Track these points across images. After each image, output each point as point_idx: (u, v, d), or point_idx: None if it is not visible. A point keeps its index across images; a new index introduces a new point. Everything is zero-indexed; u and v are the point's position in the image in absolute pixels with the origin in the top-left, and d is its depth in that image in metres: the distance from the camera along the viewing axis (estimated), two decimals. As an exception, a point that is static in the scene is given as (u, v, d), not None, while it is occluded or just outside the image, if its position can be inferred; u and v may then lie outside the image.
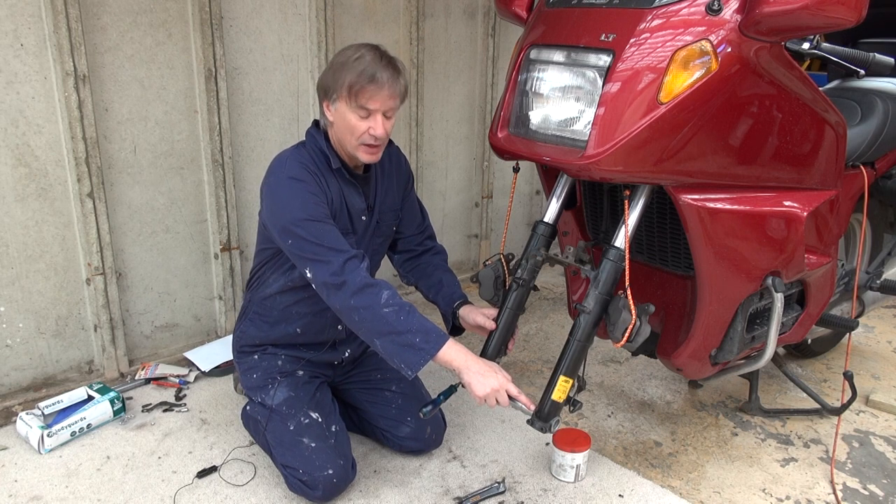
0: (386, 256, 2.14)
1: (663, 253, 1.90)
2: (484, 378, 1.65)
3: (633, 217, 1.65)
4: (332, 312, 1.92)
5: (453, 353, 1.67)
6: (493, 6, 2.56)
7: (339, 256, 1.67)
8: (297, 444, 1.82)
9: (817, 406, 2.31)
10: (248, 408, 2.03)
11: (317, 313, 1.94)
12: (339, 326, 2.00)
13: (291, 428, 1.84)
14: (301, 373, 1.97)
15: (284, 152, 1.83)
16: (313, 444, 1.81)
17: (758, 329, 1.90)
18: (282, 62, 2.58)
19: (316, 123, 1.86)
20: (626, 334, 1.59)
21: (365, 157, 1.77)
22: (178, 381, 2.39)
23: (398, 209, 2.02)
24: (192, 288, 2.57)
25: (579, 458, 1.94)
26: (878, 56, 1.76)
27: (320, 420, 1.87)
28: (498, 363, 1.88)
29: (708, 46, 1.44)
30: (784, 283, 1.80)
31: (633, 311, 1.58)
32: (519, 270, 1.83)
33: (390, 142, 1.95)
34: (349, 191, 1.85)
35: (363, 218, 1.90)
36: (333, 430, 1.87)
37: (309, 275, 1.70)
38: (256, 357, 2.00)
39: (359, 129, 1.72)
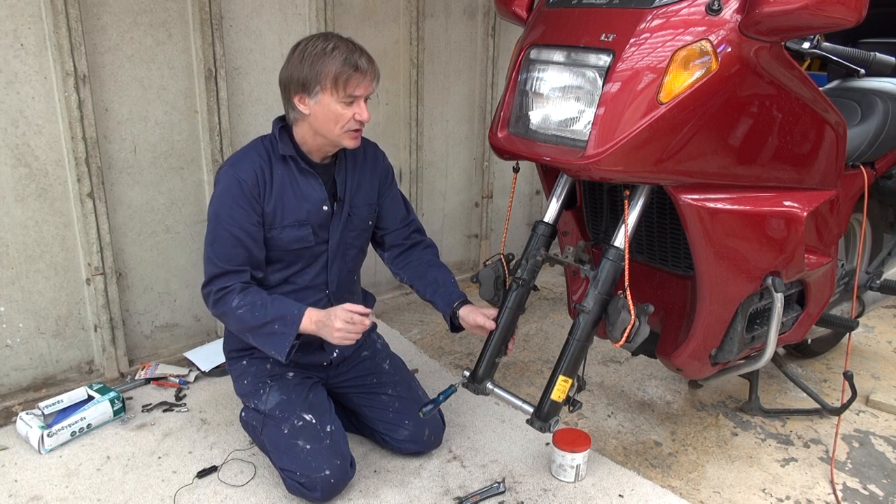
0: (380, 258, 2.13)
1: (663, 253, 1.90)
2: (327, 328, 1.74)
3: (632, 217, 1.65)
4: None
5: (308, 325, 1.77)
6: (493, 6, 2.56)
7: (214, 266, 1.81)
8: (293, 447, 1.81)
9: (817, 406, 2.31)
10: (243, 414, 2.02)
11: None
12: None
13: (286, 431, 1.84)
14: (291, 374, 1.96)
15: (241, 149, 1.90)
16: (308, 446, 1.81)
17: (758, 329, 1.90)
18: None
19: (281, 118, 1.89)
20: (626, 334, 1.59)
21: (350, 142, 1.81)
22: (178, 381, 2.39)
23: (374, 203, 2.01)
24: (192, 288, 2.57)
25: (579, 458, 1.94)
26: (879, 56, 1.76)
27: (314, 421, 1.86)
28: (498, 363, 1.88)
29: (708, 46, 1.44)
30: (784, 283, 1.80)
31: (633, 311, 1.58)
32: (519, 270, 1.83)
33: (368, 140, 1.99)
34: (305, 180, 1.86)
35: (325, 208, 1.89)
36: (328, 430, 1.86)
37: None
38: (245, 363, 1.99)
39: (345, 117, 1.76)
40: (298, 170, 1.85)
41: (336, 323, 1.72)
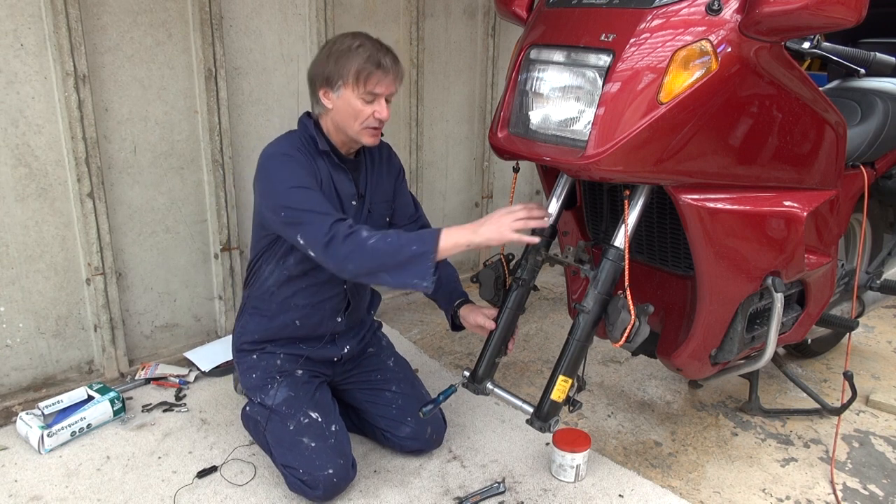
0: None
1: (663, 253, 1.90)
2: (494, 226, 1.71)
3: (632, 217, 1.65)
4: (330, 304, 1.95)
5: (453, 236, 1.70)
6: (493, 6, 2.56)
7: (327, 219, 1.71)
8: (297, 443, 1.82)
9: (817, 406, 2.31)
10: (247, 408, 2.03)
11: (315, 305, 1.95)
12: (338, 318, 2.00)
13: (291, 428, 1.84)
14: (300, 372, 1.97)
15: (275, 139, 1.89)
16: (313, 444, 1.81)
17: (758, 329, 1.90)
18: (282, 62, 2.58)
19: (307, 114, 1.91)
20: (625, 334, 1.59)
21: (368, 139, 1.83)
22: (178, 381, 2.39)
23: (390, 200, 2.05)
24: (192, 288, 2.57)
25: (579, 458, 1.94)
26: (879, 55, 1.76)
27: (320, 420, 1.87)
28: (498, 363, 1.89)
29: (708, 46, 1.44)
30: (784, 283, 1.80)
31: (633, 312, 1.58)
32: (519, 270, 1.83)
33: (382, 140, 1.98)
34: (338, 175, 1.88)
35: (353, 203, 1.92)
36: (333, 429, 1.87)
37: (301, 241, 1.73)
38: (255, 357, 2.00)
39: (364, 113, 1.78)
40: (332, 165, 1.87)
41: (506, 219, 1.69)
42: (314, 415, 1.87)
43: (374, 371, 2.09)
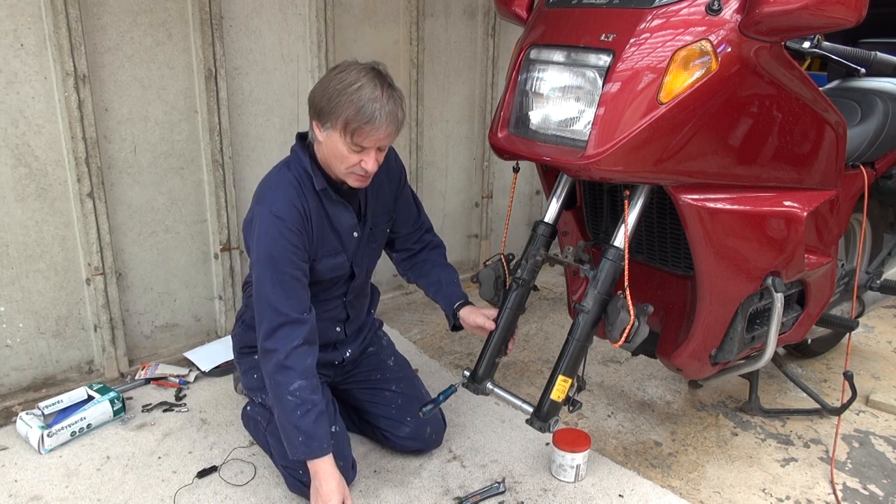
0: (386, 255, 2.14)
1: (663, 253, 1.90)
2: (315, 489, 1.73)
3: (632, 217, 1.65)
4: (328, 315, 1.94)
5: (313, 467, 1.73)
6: (493, 6, 2.56)
7: (277, 319, 1.71)
8: None
9: (817, 406, 2.31)
10: (248, 408, 2.03)
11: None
12: (338, 328, 1.99)
13: None
14: None
15: (271, 175, 1.79)
16: None
17: (758, 329, 1.90)
18: (282, 62, 2.58)
19: (301, 137, 1.82)
20: (625, 334, 1.59)
21: (354, 183, 1.75)
22: (178, 381, 2.39)
23: (390, 209, 2.00)
24: (192, 288, 2.57)
25: (579, 458, 1.94)
26: (880, 55, 1.76)
27: None
28: (498, 363, 1.88)
29: (708, 46, 1.44)
30: (784, 283, 1.80)
31: (632, 312, 1.58)
32: (519, 270, 1.83)
33: None
34: (336, 210, 1.81)
35: (355, 234, 1.87)
36: (333, 430, 1.87)
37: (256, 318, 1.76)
38: (257, 357, 1.99)
39: (350, 161, 1.68)
40: (330, 201, 1.79)
41: (323, 489, 1.71)
42: None
43: (374, 370, 2.09)
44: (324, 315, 1.90)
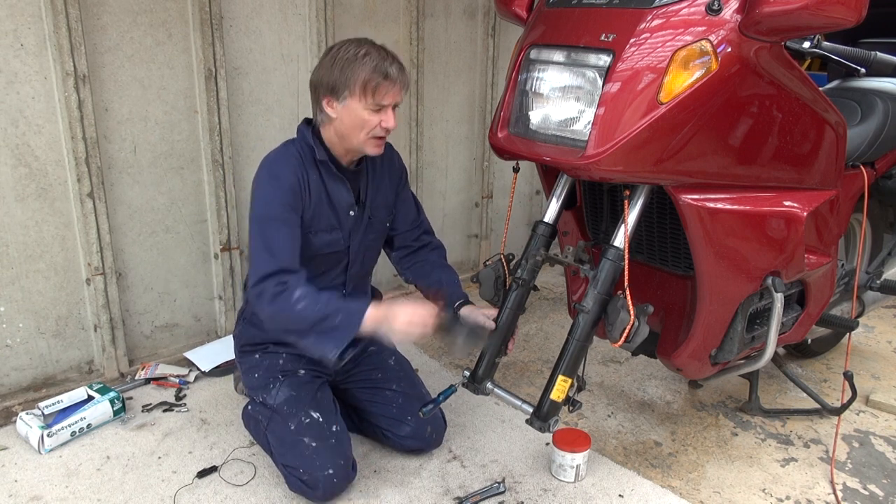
0: (385, 255, 2.14)
1: (663, 253, 1.90)
2: (387, 325, 1.69)
3: (632, 217, 1.65)
4: None
5: (375, 319, 1.69)
6: (493, 6, 2.56)
7: (270, 264, 1.71)
8: (298, 443, 1.82)
9: (817, 406, 2.31)
10: (249, 407, 2.03)
11: None
12: None
13: (292, 427, 1.84)
14: (302, 372, 1.97)
15: (273, 150, 1.86)
16: (314, 444, 1.81)
17: (758, 329, 1.90)
18: (282, 62, 2.58)
19: (307, 121, 1.88)
20: (624, 334, 1.59)
21: (373, 150, 1.81)
22: (178, 381, 2.39)
23: (391, 205, 2.03)
24: (192, 288, 2.57)
25: (579, 458, 1.94)
26: (880, 55, 1.76)
27: (321, 420, 1.87)
28: (498, 363, 1.88)
29: (708, 46, 1.44)
30: (784, 283, 1.80)
31: (632, 312, 1.58)
32: (519, 270, 1.83)
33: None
34: (335, 185, 1.86)
35: (351, 213, 1.90)
36: (334, 429, 1.87)
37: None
38: (258, 356, 2.00)
39: (371, 123, 1.75)
40: (330, 175, 1.85)
41: (400, 318, 1.68)
42: (315, 415, 1.87)
43: (375, 370, 2.09)
44: None
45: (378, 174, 1.98)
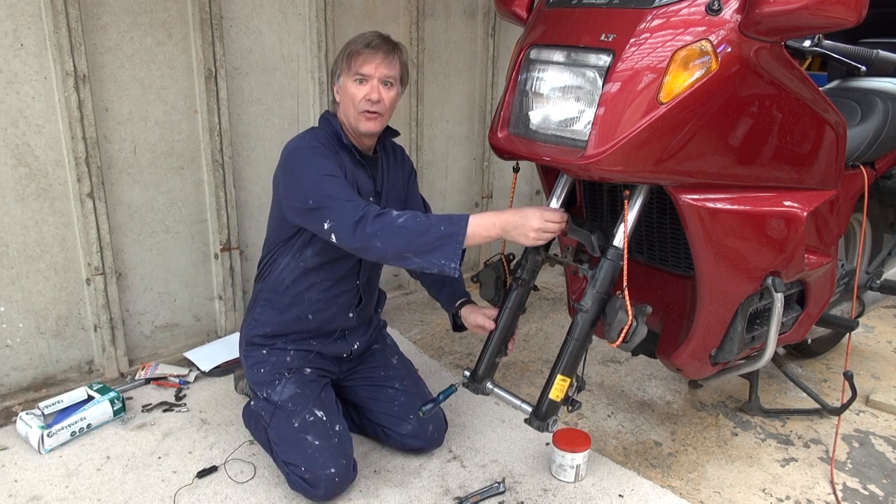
0: None
1: (663, 253, 1.90)
2: (520, 228, 1.64)
3: (632, 217, 1.65)
4: (343, 299, 1.97)
5: (482, 223, 1.65)
6: (493, 6, 2.56)
7: (358, 203, 1.71)
8: (301, 441, 1.82)
9: (817, 406, 2.31)
10: (251, 403, 2.02)
11: (328, 300, 1.96)
12: (350, 314, 2.01)
13: (296, 425, 1.84)
14: (308, 370, 1.98)
15: (297, 135, 1.91)
16: (317, 442, 1.82)
17: (758, 329, 1.90)
18: (282, 62, 2.58)
19: (328, 112, 1.94)
20: (622, 335, 1.59)
21: (365, 124, 1.83)
22: (178, 381, 2.39)
23: (403, 200, 2.06)
24: (192, 288, 2.57)
25: (579, 458, 1.94)
26: (882, 53, 1.76)
27: (324, 418, 1.87)
28: (498, 363, 1.89)
29: (708, 46, 1.44)
30: (784, 283, 1.80)
31: (630, 312, 1.58)
32: (519, 270, 1.83)
33: (395, 142, 2.01)
34: (358, 171, 1.90)
35: (371, 199, 1.93)
36: (337, 429, 1.87)
37: (327, 226, 1.70)
38: (265, 352, 2.00)
39: (357, 96, 1.80)
40: (353, 160, 1.89)
41: (534, 223, 1.63)
42: (319, 413, 1.87)
43: (378, 368, 2.10)
44: (337, 298, 1.97)
45: (392, 168, 2.01)
